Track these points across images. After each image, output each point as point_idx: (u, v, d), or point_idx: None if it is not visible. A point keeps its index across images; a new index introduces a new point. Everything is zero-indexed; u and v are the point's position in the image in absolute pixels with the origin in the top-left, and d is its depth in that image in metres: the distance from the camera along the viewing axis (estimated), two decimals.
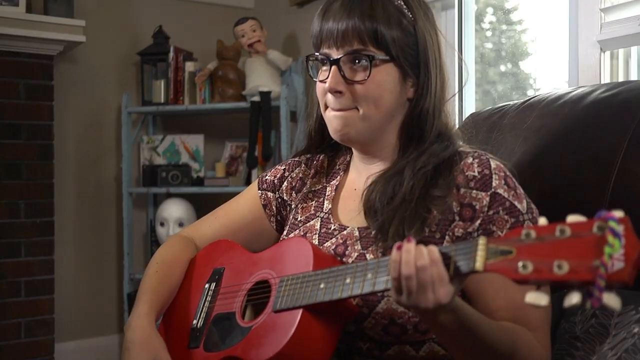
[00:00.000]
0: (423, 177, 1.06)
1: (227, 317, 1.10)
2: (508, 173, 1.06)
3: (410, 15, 1.08)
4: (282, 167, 1.31)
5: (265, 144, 2.96)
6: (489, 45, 2.67)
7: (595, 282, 0.66)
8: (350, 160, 1.23)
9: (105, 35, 3.17)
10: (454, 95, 1.19)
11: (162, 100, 3.13)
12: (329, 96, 1.09)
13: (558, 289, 1.02)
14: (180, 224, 3.06)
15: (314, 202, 1.22)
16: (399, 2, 1.08)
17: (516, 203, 1.03)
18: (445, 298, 0.82)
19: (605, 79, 1.83)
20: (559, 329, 1.11)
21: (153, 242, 3.23)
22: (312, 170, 1.26)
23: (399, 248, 0.84)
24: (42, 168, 2.85)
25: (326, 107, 1.12)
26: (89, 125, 3.19)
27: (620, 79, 1.84)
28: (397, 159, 1.11)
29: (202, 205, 3.23)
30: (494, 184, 1.03)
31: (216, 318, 1.12)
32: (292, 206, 1.26)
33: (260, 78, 2.96)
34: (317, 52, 1.11)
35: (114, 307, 3.24)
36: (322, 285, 0.95)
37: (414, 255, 0.82)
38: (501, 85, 2.59)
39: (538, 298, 0.71)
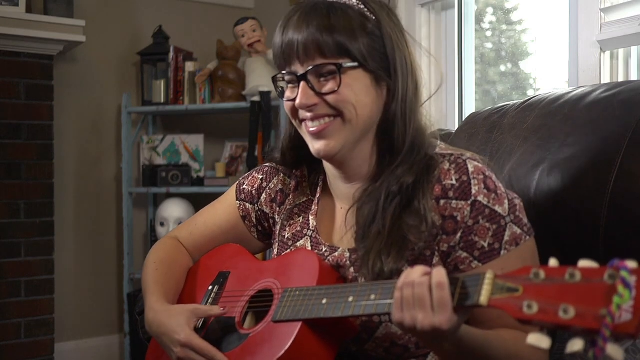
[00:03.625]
0: (396, 201, 1.02)
1: (226, 322, 1.10)
2: (487, 173, 1.03)
3: (374, 18, 1.04)
4: (260, 177, 1.27)
5: (265, 144, 2.96)
6: (489, 45, 2.67)
7: (601, 331, 0.64)
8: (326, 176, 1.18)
9: (105, 35, 3.17)
10: (430, 98, 1.14)
11: (162, 100, 3.13)
12: (303, 112, 1.05)
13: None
14: (181, 224, 3.06)
15: (301, 218, 1.19)
16: (360, 6, 1.04)
17: (497, 207, 1.00)
18: (445, 325, 0.80)
19: (605, 79, 1.83)
20: None
21: (153, 242, 3.23)
22: (293, 182, 1.22)
23: (412, 266, 0.85)
24: (42, 168, 2.85)
25: (301, 122, 1.07)
26: (89, 125, 3.19)
27: (620, 79, 1.84)
28: (375, 171, 1.08)
29: (202, 205, 3.20)
30: (473, 192, 1.00)
31: (216, 321, 1.12)
32: (276, 219, 1.24)
33: (260, 78, 2.96)
34: (282, 71, 1.07)
35: (114, 307, 3.24)
36: (324, 301, 0.95)
37: (422, 271, 0.83)
38: (501, 85, 2.58)
39: (540, 340, 0.69)
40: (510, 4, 2.55)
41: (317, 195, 1.18)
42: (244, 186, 1.28)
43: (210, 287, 1.18)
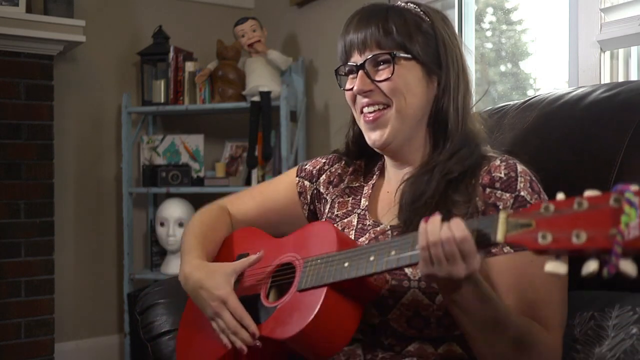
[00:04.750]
0: (446, 182, 1.09)
1: (251, 300, 1.12)
2: (533, 178, 1.09)
3: (428, 19, 1.14)
4: (323, 160, 1.35)
5: (265, 144, 2.96)
6: (489, 45, 2.67)
7: (613, 249, 0.68)
8: (384, 164, 1.27)
9: (105, 35, 3.18)
10: (480, 99, 1.27)
11: (162, 100, 3.13)
12: (360, 98, 1.14)
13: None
14: (180, 224, 3.06)
15: (350, 198, 1.26)
16: (416, 9, 1.15)
17: None
18: (477, 266, 0.87)
19: (605, 79, 1.83)
20: None
21: (153, 242, 3.23)
22: (351, 169, 1.31)
23: (426, 220, 0.89)
24: (42, 168, 2.85)
25: (361, 112, 1.16)
26: (89, 125, 3.19)
27: (620, 79, 1.84)
28: (428, 159, 1.15)
29: (202, 205, 3.22)
30: (519, 187, 1.06)
31: (242, 300, 1.13)
32: (328, 199, 1.30)
33: (260, 78, 2.96)
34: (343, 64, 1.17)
35: (114, 307, 3.24)
36: (346, 264, 0.98)
37: (438, 224, 0.87)
38: (501, 85, 2.58)
39: (557, 267, 0.73)
40: (510, 4, 2.55)
41: (373, 182, 1.26)
42: (306, 166, 1.36)
43: None
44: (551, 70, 2.33)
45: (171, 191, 3.08)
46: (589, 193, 0.73)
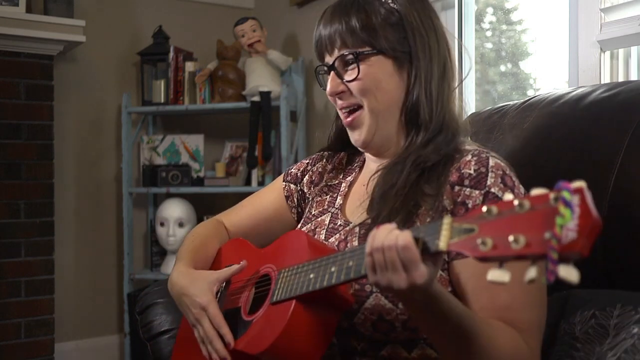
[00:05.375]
0: (418, 171, 1.06)
1: (233, 313, 1.12)
2: (507, 172, 1.05)
3: (396, 7, 1.10)
4: (307, 161, 1.36)
5: (265, 144, 2.96)
6: (489, 45, 2.67)
7: (548, 254, 0.63)
8: (365, 158, 1.26)
9: (105, 35, 3.18)
10: (460, 83, 1.20)
11: (162, 100, 3.13)
12: (337, 99, 1.14)
13: (556, 288, 1.02)
14: (180, 224, 3.06)
15: (328, 196, 1.25)
16: None
17: None
18: (419, 279, 0.80)
19: (605, 79, 1.83)
20: (559, 330, 1.11)
21: (153, 242, 3.23)
22: (330, 166, 1.31)
23: (378, 226, 0.85)
24: (42, 168, 2.85)
25: (342, 112, 1.16)
26: (89, 125, 3.19)
27: (620, 79, 1.83)
28: (401, 152, 1.12)
29: (202, 205, 3.23)
30: (488, 183, 1.02)
31: (224, 314, 1.14)
32: (310, 199, 1.31)
33: (260, 78, 2.96)
34: (319, 64, 1.17)
35: (114, 307, 3.24)
36: (311, 275, 0.97)
37: (387, 231, 0.83)
38: (501, 85, 2.58)
39: (499, 275, 0.67)
40: (510, 4, 2.55)
41: (351, 178, 1.25)
42: (292, 170, 1.37)
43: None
44: (551, 70, 2.33)
45: (171, 191, 3.08)
46: (535, 192, 0.67)
